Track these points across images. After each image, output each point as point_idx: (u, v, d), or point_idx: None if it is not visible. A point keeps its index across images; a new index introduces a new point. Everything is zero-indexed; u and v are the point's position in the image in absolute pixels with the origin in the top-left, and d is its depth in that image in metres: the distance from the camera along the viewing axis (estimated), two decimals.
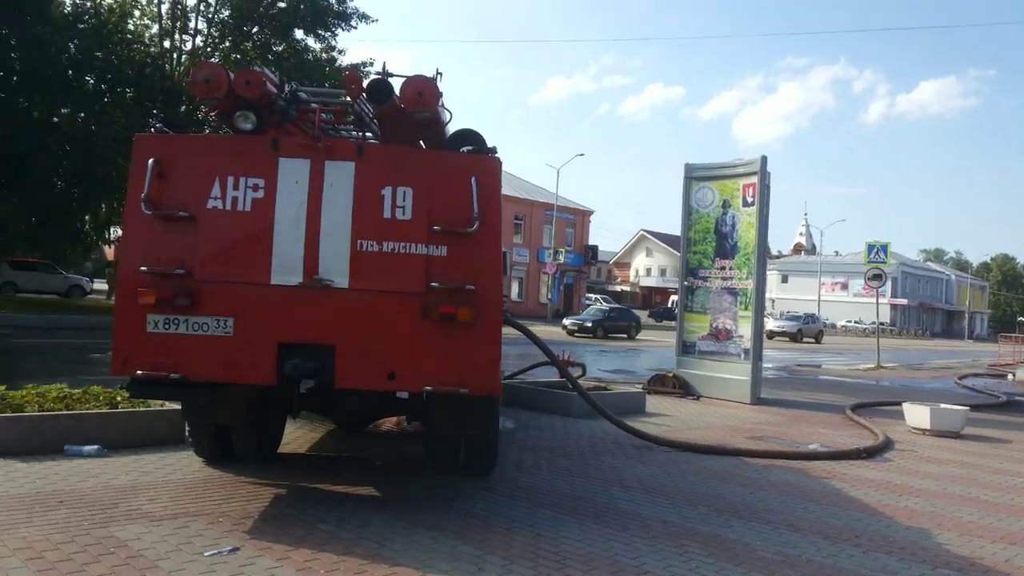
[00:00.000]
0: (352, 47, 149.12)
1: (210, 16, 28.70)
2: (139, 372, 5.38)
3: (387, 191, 5.48)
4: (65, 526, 5.00)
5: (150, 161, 5.38)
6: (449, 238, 5.45)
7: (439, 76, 5.78)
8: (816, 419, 12.70)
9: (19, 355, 16.61)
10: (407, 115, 5.65)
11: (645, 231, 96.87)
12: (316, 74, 27.00)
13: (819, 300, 73.28)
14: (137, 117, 26.82)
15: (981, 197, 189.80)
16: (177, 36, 28.74)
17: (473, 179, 5.47)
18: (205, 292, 5.37)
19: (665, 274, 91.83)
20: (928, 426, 11.53)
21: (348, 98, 5.79)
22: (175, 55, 28.65)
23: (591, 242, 64.86)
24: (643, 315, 66.52)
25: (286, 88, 5.82)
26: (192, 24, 28.84)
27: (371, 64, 29.46)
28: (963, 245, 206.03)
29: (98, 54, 25.08)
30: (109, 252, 55.31)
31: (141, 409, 7.70)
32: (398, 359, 5.44)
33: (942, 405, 12.21)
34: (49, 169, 25.33)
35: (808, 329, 52.36)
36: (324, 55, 29.12)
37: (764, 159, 13.84)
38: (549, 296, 56.19)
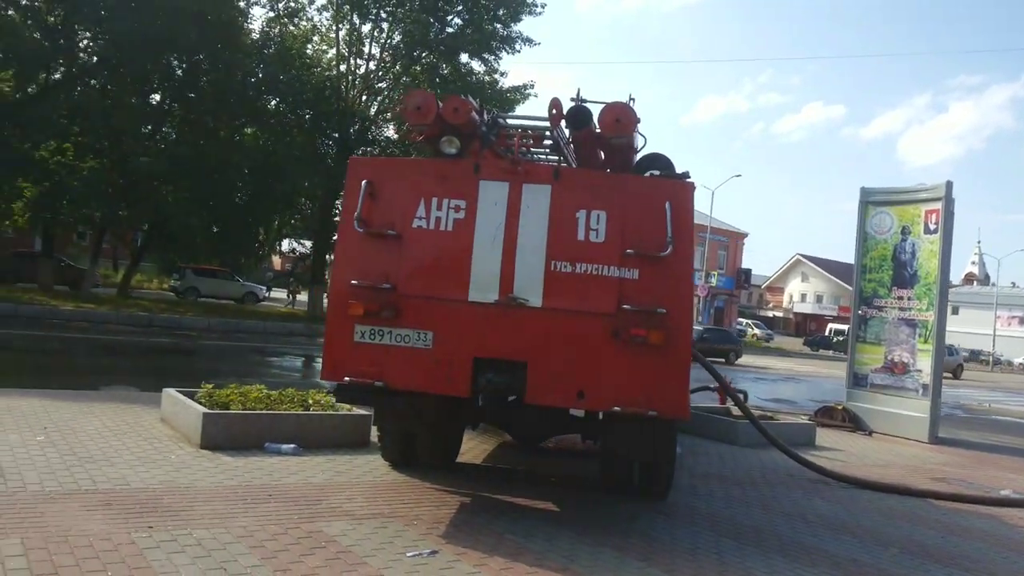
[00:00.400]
0: (512, 68, 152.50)
1: (383, 42, 30.21)
2: (347, 378, 5.75)
3: (581, 214, 5.62)
4: (277, 518, 5.38)
5: (363, 182, 5.78)
6: (641, 261, 5.52)
7: (632, 101, 5.89)
8: (1002, 463, 11.83)
9: (205, 355, 18.03)
10: (603, 140, 5.78)
11: (801, 255, 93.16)
12: (479, 96, 27.91)
13: (994, 334, 68.03)
14: (313, 137, 28.64)
15: None
16: (352, 61, 30.47)
17: (667, 204, 5.53)
18: (408, 306, 5.68)
19: (821, 301, 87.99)
20: None
21: (547, 123, 5.99)
22: (349, 78, 30.36)
23: (744, 265, 63.14)
24: (797, 343, 64.07)
25: (486, 115, 6.09)
26: (366, 49, 30.47)
27: (532, 86, 30.20)
28: None
29: (281, 77, 26.97)
30: (276, 262, 59.14)
31: (331, 413, 8.18)
32: (588, 378, 5.54)
33: None
34: (232, 184, 27.42)
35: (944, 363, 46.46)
36: (486, 77, 30.02)
37: (949, 184, 13.07)
38: (700, 319, 55.11)
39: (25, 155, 22.71)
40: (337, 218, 31.65)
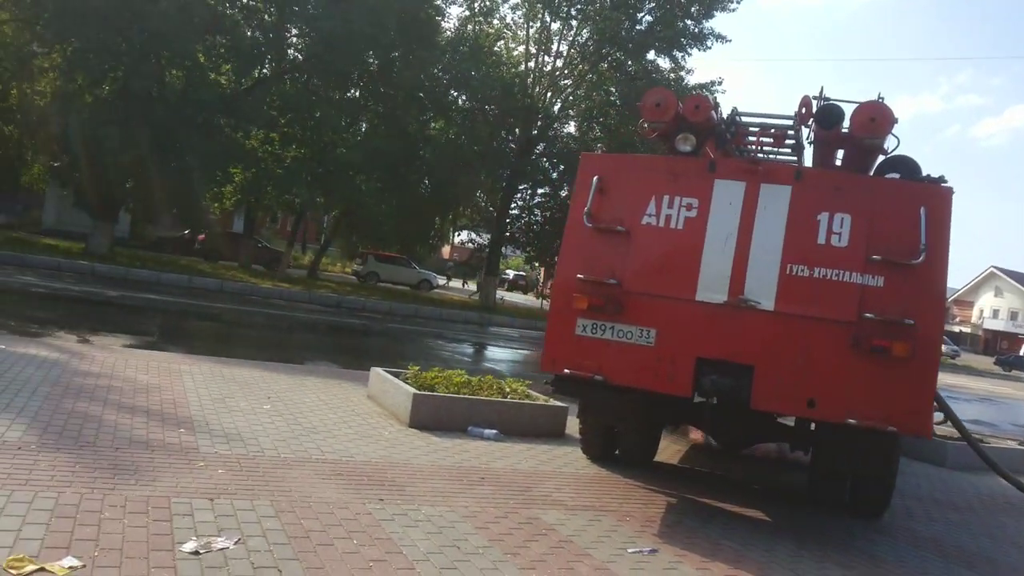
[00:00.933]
0: (697, 65, 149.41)
1: (571, 39, 30.45)
2: (566, 371, 5.82)
3: (823, 216, 5.40)
4: (494, 502, 5.53)
5: (594, 178, 5.82)
6: (888, 268, 5.24)
7: (880, 99, 5.60)
8: None
9: (390, 337, 18.87)
10: (851, 141, 5.53)
11: (995, 268, 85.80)
12: None
13: None
14: (496, 132, 29.30)
15: None
16: (540, 58, 30.91)
17: (923, 209, 5.20)
18: (632, 302, 5.68)
19: (1016, 318, 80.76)
20: None
21: (788, 121, 5.81)
22: (536, 75, 30.81)
23: None
24: (986, 361, 58.97)
25: (722, 112, 5.99)
26: (554, 47, 30.81)
27: (720, 82, 29.45)
28: None
29: (473, 73, 27.78)
30: (446, 251, 61.06)
31: (528, 402, 8.34)
32: (820, 387, 5.33)
33: None
34: (419, 175, 28.55)
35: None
36: (672, 75, 29.57)
37: None
38: None
39: (237, 143, 24.64)
40: (514, 210, 32.30)
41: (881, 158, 6.12)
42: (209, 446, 5.79)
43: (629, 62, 29.57)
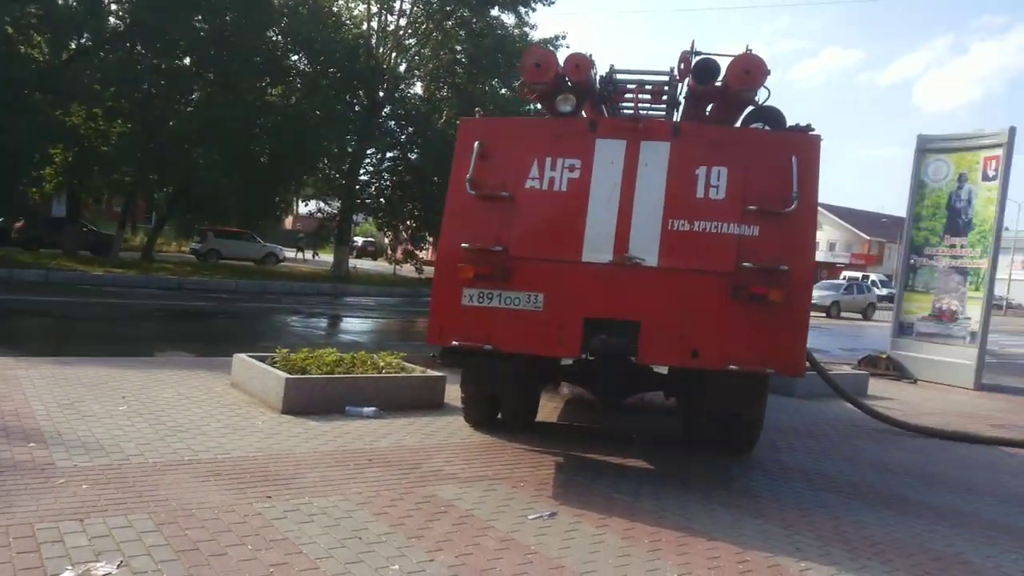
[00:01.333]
0: (541, 20, 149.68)
1: None
2: (454, 342, 5.73)
3: (701, 171, 5.54)
4: (387, 484, 5.40)
5: (475, 144, 5.70)
6: (763, 217, 5.45)
7: (748, 51, 5.78)
8: None
9: (242, 318, 18.05)
10: (727, 94, 5.67)
11: None
12: (512, 50, 27.57)
13: (1010, 279, 67.68)
14: (339, 96, 28.30)
15: None
16: (383, 17, 29.99)
17: (794, 158, 5.43)
18: (519, 268, 5.65)
19: (834, 248, 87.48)
20: None
21: (665, 78, 5.89)
22: (379, 35, 29.91)
23: None
24: None
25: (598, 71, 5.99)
26: (398, 5, 29.95)
27: (564, 37, 29.73)
28: None
29: (313, 35, 26.58)
30: (288, 222, 59.02)
31: (406, 375, 8.20)
32: (703, 337, 5.51)
33: None
34: (259, 146, 27.23)
35: (851, 302, 38.61)
36: (516, 31, 29.55)
37: (1013, 130, 12.85)
38: None
39: (56, 121, 22.59)
40: (364, 176, 31.50)
41: (747, 110, 6.33)
42: (66, 459, 5.30)
43: (474, 19, 29.27)
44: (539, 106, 6.65)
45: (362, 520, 4.65)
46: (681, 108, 6.74)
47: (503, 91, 30.80)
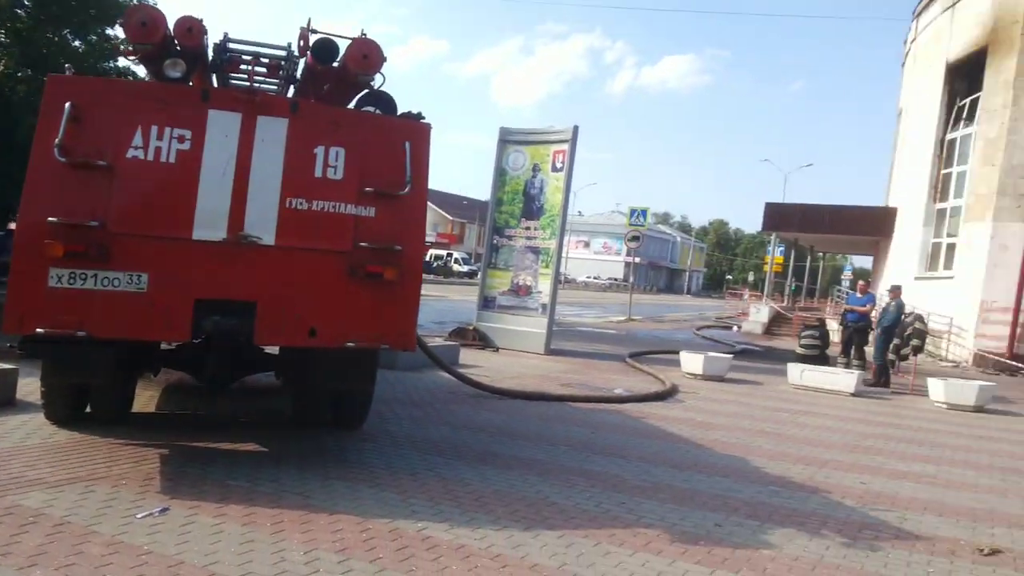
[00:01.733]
0: None
1: None
2: (39, 330, 5.01)
3: (320, 150, 5.51)
4: None
5: (67, 104, 4.99)
6: (379, 199, 5.62)
7: (363, 35, 5.88)
8: (604, 367, 14.06)
9: None
10: (344, 75, 5.67)
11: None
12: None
13: (567, 257, 78.16)
14: None
15: (705, 167, 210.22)
16: None
17: (407, 143, 5.65)
18: (119, 246, 5.12)
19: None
20: (701, 372, 13.26)
21: (282, 52, 5.70)
22: None
23: None
24: None
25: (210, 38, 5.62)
26: None
27: None
28: (688, 209, 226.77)
29: None
30: None
31: None
32: (321, 316, 5.54)
33: (711, 353, 14.05)
34: None
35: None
36: None
37: (576, 128, 14.82)
38: None
39: None
40: None
41: (361, 93, 6.42)
42: None
43: None
44: (121, 66, 6.05)
45: None
46: (296, 85, 6.65)
47: (76, 43, 27.19)
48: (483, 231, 16.68)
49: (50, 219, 4.99)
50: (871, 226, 27.58)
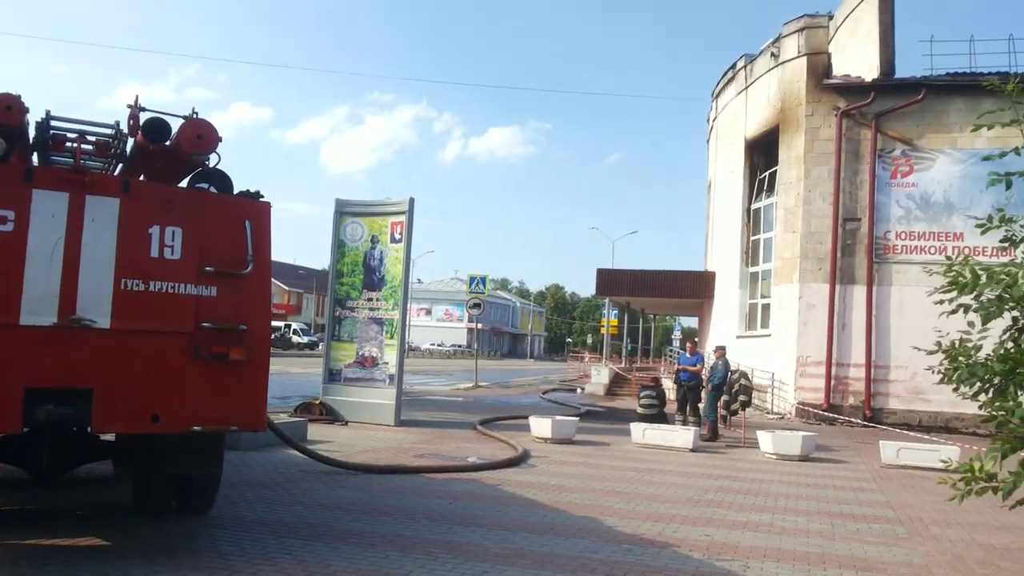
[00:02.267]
0: None
1: None
2: None
3: (155, 229, 5.40)
4: None
5: None
6: (221, 279, 5.55)
7: (195, 114, 5.83)
8: (456, 435, 14.14)
9: None
10: (176, 154, 5.60)
11: None
12: None
13: (409, 326, 77.91)
14: None
15: (538, 233, 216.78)
16: None
17: (248, 221, 5.63)
18: None
19: None
20: (550, 435, 13.62)
21: (109, 130, 5.55)
22: None
23: None
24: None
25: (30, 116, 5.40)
26: None
27: None
28: (524, 276, 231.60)
29: None
30: None
31: None
32: (164, 400, 5.36)
33: (558, 417, 14.47)
34: None
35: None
36: None
37: (412, 200, 15.08)
38: None
39: None
40: None
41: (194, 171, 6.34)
42: None
43: None
44: None
45: None
46: (126, 164, 6.49)
47: None
48: (322, 300, 16.65)
49: None
50: (694, 289, 29.48)
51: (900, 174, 21.55)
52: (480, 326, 48.35)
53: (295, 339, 58.27)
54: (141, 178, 6.43)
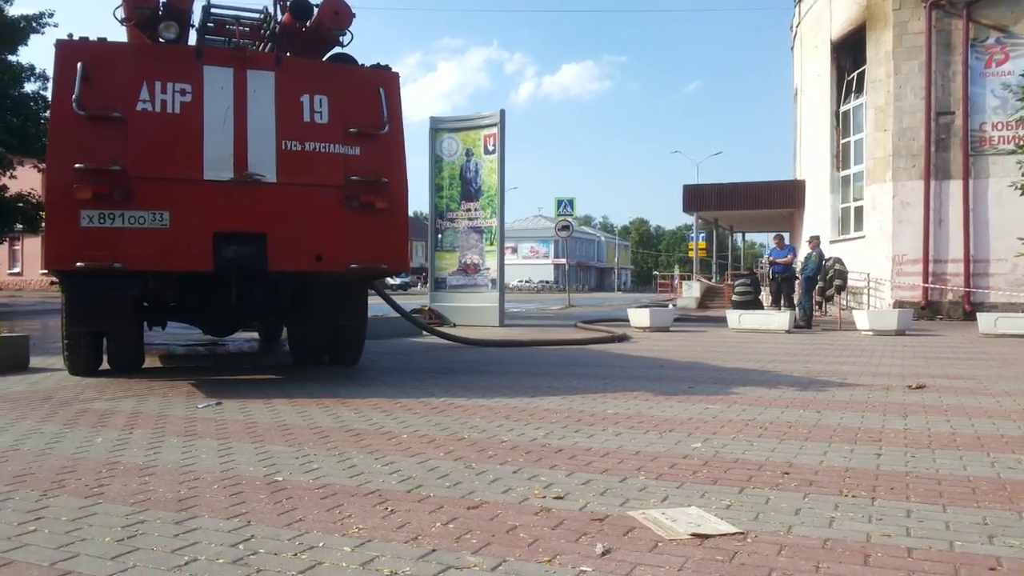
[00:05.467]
0: None
1: None
2: (79, 264, 5.59)
3: (305, 98, 6.23)
4: (36, 410, 5.13)
5: (78, 65, 5.62)
6: (362, 139, 6.37)
7: None
8: (560, 332, 14.92)
9: None
10: (317, 32, 6.42)
11: None
12: None
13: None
14: None
15: (618, 168, 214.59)
16: None
17: (381, 89, 6.43)
18: (140, 188, 5.75)
19: None
20: (648, 324, 14.27)
21: (259, 14, 6.41)
22: None
23: None
24: None
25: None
26: None
27: (51, 15, 26.71)
28: (607, 211, 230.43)
29: None
30: None
31: None
32: (324, 243, 6.25)
33: (656, 308, 15.09)
34: None
35: None
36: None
37: (503, 112, 15.71)
38: None
39: None
40: None
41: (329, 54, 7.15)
42: None
43: None
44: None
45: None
46: (275, 44, 7.34)
47: None
48: (426, 246, 17.70)
49: (76, 165, 5.60)
50: (783, 198, 29.29)
51: (995, 63, 20.91)
52: (566, 261, 48.88)
53: (388, 280, 60.00)
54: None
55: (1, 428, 4.52)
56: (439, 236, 16.49)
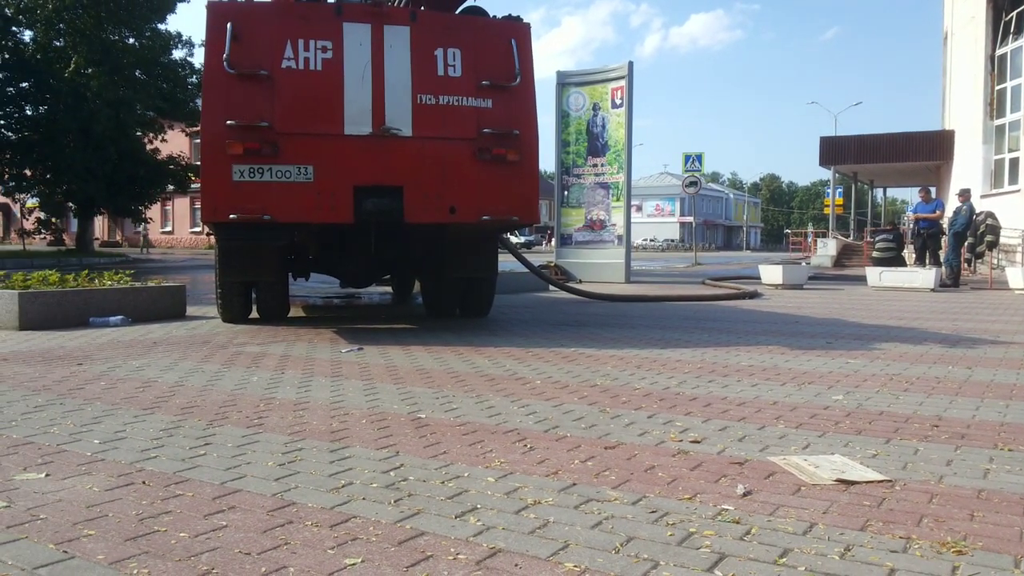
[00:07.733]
0: None
1: None
2: (232, 216, 5.95)
3: (439, 52, 6.33)
4: (198, 349, 5.55)
5: (228, 25, 5.91)
6: (494, 91, 6.42)
7: None
8: (688, 288, 14.69)
9: None
10: None
11: None
12: None
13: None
14: None
15: (748, 122, 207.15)
16: None
17: (513, 40, 6.45)
18: (286, 143, 6.02)
19: None
20: (780, 281, 13.86)
21: None
22: None
23: None
24: None
25: None
26: None
27: None
28: (736, 167, 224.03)
29: None
30: None
31: (145, 285, 8.04)
32: (458, 195, 6.38)
33: (788, 264, 14.61)
34: None
35: None
36: None
37: (631, 64, 15.42)
38: None
39: None
40: None
41: (461, 7, 7.24)
42: None
43: None
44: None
45: (192, 366, 4.88)
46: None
47: (131, 40, 28.76)
48: (551, 204, 17.66)
49: (228, 122, 5.91)
50: (928, 150, 27.52)
51: None
52: (692, 219, 47.83)
53: (512, 238, 60.57)
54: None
55: (168, 367, 4.90)
56: (565, 192, 16.45)
